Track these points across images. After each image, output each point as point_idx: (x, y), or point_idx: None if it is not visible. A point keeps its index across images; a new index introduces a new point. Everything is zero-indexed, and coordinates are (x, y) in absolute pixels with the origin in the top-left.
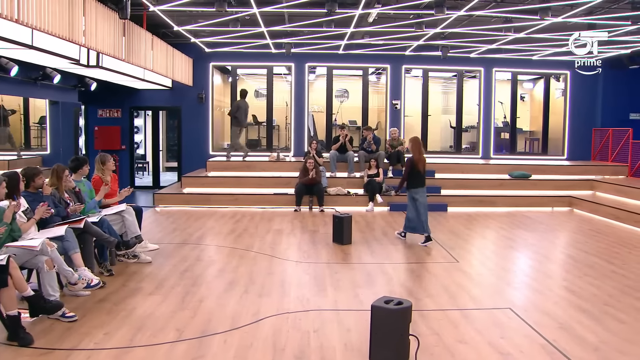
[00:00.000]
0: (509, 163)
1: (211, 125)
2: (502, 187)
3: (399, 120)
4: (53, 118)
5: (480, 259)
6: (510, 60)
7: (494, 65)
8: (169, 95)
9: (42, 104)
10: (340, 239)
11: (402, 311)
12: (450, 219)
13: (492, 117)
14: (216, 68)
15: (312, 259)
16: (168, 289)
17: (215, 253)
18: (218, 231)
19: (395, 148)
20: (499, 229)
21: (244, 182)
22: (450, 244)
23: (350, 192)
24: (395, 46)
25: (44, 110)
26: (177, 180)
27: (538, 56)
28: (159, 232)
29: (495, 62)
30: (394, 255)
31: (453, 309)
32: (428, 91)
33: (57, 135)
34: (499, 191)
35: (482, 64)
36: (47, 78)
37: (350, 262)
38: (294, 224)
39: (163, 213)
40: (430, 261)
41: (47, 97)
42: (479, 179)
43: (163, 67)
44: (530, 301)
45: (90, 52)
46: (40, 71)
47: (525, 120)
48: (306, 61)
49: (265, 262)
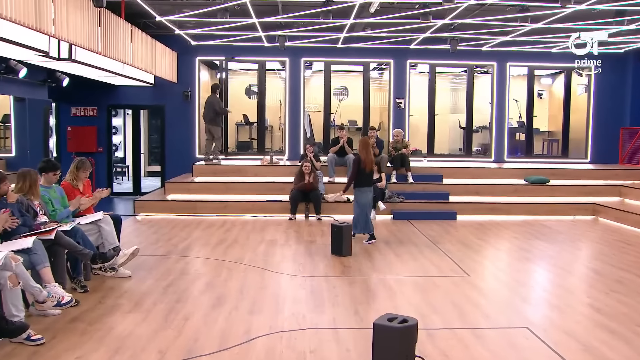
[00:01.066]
0: (525, 167)
1: (198, 126)
2: (517, 193)
3: (403, 120)
4: (19, 116)
5: (494, 272)
6: (527, 53)
7: (508, 59)
8: (151, 93)
9: (6, 101)
10: (339, 250)
11: (407, 330)
12: (460, 228)
13: (506, 117)
14: (203, 63)
15: (309, 272)
16: (150, 305)
17: (202, 266)
18: (205, 242)
19: (399, 151)
20: (514, 240)
21: (234, 188)
22: (460, 255)
23: (350, 199)
24: (399, 39)
25: (8, 107)
26: (160, 186)
27: (558, 48)
28: (139, 242)
29: (510, 55)
30: (398, 268)
31: (463, 327)
32: (435, 88)
33: (24, 135)
34: (513, 198)
35: (495, 58)
36: (11, 72)
37: (350, 276)
38: (288, 233)
39: (144, 222)
40: (438, 274)
41: (11, 93)
42: (491, 185)
43: (144, 62)
44: (550, 320)
45: (62, 44)
46: (3, 64)
47: (543, 120)
48: (302, 56)
49: (257, 275)
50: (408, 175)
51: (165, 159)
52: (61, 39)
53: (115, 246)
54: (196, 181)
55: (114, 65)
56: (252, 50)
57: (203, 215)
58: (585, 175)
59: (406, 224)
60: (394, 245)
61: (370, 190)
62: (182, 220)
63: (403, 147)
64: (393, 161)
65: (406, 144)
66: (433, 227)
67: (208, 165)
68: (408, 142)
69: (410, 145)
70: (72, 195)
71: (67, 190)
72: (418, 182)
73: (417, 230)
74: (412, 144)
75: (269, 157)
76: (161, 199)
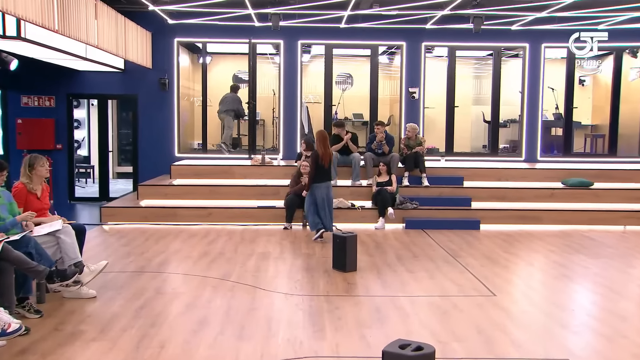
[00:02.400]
0: (563, 167)
1: (177, 120)
2: (553, 198)
3: (417, 113)
4: None
5: (525, 292)
6: (566, 32)
7: (543, 39)
8: (120, 80)
9: None
10: (342, 265)
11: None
12: (484, 239)
13: (539, 108)
14: (183, 45)
15: (307, 291)
16: (118, 332)
17: (182, 283)
18: (185, 255)
19: (413, 149)
20: (550, 254)
21: (220, 192)
22: (485, 272)
23: (355, 205)
24: (413, 18)
25: None
26: (132, 189)
27: (606, 25)
28: (107, 256)
29: (545, 35)
30: (411, 285)
31: (489, 357)
32: (455, 76)
33: None
34: (548, 204)
35: (527, 38)
36: None
37: (355, 295)
38: (283, 245)
39: (113, 232)
40: (459, 294)
41: None
42: (521, 189)
43: (112, 43)
44: (596, 350)
45: (7, 18)
46: None
47: (586, 111)
48: (299, 38)
49: (247, 294)
50: (423, 177)
51: (138, 158)
52: (6, 12)
53: (77, 261)
54: (175, 184)
55: (75, 46)
56: (240, 31)
57: (183, 224)
58: (637, 177)
59: (420, 234)
60: (406, 259)
61: (327, 185)
62: (158, 230)
63: (417, 145)
64: (405, 161)
65: (420, 141)
66: (452, 238)
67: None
68: (423, 138)
69: (425, 142)
70: (24, 201)
71: (21, 196)
72: (434, 186)
73: (434, 241)
74: (427, 141)
75: (260, 156)
76: (133, 205)
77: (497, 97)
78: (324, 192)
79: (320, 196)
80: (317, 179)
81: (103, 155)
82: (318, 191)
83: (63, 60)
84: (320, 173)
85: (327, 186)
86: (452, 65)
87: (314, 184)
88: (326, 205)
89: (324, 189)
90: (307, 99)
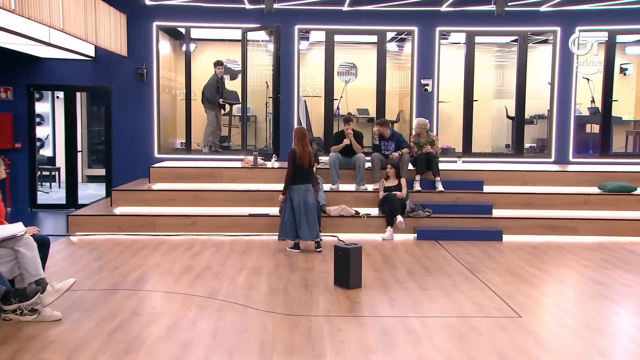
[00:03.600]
0: (599, 170)
1: (157, 116)
2: (587, 205)
3: (430, 108)
4: None
5: (555, 314)
6: (605, 12)
7: (578, 21)
8: (91, 70)
9: None
10: (345, 281)
11: None
12: (507, 252)
13: (572, 101)
14: (163, 30)
15: (305, 310)
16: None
17: (163, 302)
18: (166, 270)
19: (423, 148)
20: (584, 269)
21: (206, 198)
22: (508, 289)
23: (360, 213)
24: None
25: None
26: (104, 195)
27: None
28: (75, 272)
29: (580, 16)
30: (424, 304)
31: None
32: (474, 65)
33: None
34: (582, 212)
35: (558, 20)
36: None
37: (359, 315)
38: (278, 259)
39: (82, 244)
40: (478, 314)
41: None
42: (551, 194)
43: (80, 27)
44: None
45: None
46: None
47: (627, 105)
48: (296, 22)
49: (237, 314)
50: (437, 181)
51: (111, 159)
52: None
53: (39, 278)
54: (154, 189)
55: (37, 29)
56: (229, 14)
57: (164, 234)
58: None
59: (434, 246)
60: (418, 274)
61: (307, 188)
62: (135, 241)
63: (428, 143)
64: (416, 162)
65: (433, 139)
66: (471, 251)
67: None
68: (436, 137)
69: (438, 141)
70: None
71: None
72: (450, 191)
73: (449, 254)
74: (442, 139)
75: (252, 158)
76: (106, 212)
77: (522, 89)
78: (302, 196)
79: (297, 200)
80: (297, 180)
81: (71, 156)
82: (295, 195)
83: (22, 45)
84: (298, 174)
85: (306, 189)
86: (470, 54)
87: (293, 186)
88: (303, 211)
89: (302, 193)
90: (304, 92)
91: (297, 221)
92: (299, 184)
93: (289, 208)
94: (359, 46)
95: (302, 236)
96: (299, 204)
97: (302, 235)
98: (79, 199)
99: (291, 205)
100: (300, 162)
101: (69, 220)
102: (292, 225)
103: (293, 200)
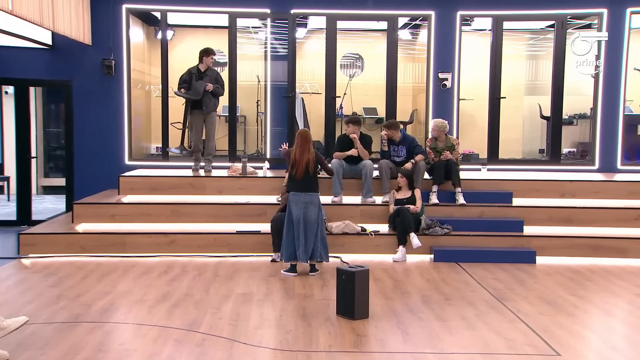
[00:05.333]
0: None
1: (127, 116)
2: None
3: (449, 107)
4: None
5: (602, 352)
6: None
7: (628, 1)
8: (48, 60)
9: None
10: (350, 310)
11: None
12: (542, 277)
13: (620, 99)
14: (134, 15)
15: (302, 345)
16: None
17: (134, 337)
18: (138, 298)
19: (441, 154)
20: (636, 298)
21: (186, 212)
22: (544, 322)
23: (366, 230)
24: None
25: None
26: (64, 210)
27: None
28: (27, 302)
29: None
30: (442, 339)
31: None
32: (501, 56)
33: None
34: (633, 230)
35: (604, 1)
36: None
37: (366, 350)
38: (270, 283)
39: (37, 268)
40: (508, 351)
41: None
42: (594, 208)
43: (34, 8)
44: None
45: None
46: None
47: None
48: (292, 6)
49: (222, 350)
50: (457, 192)
51: (73, 167)
52: None
53: None
54: (125, 202)
55: None
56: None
57: (136, 255)
58: None
59: (454, 268)
60: (435, 302)
61: (308, 200)
62: (101, 264)
63: (447, 148)
64: (433, 171)
65: (453, 143)
66: (498, 275)
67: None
68: (456, 140)
69: (459, 145)
70: None
71: None
72: (473, 204)
73: (472, 279)
74: (462, 143)
75: (240, 165)
76: (66, 230)
77: (559, 84)
78: (301, 210)
79: (296, 214)
80: (291, 187)
81: (23, 163)
82: (294, 207)
83: None
84: (292, 179)
85: (307, 201)
86: (497, 42)
87: (291, 193)
88: (302, 226)
89: (301, 205)
90: (302, 88)
91: (295, 238)
92: (296, 191)
93: (287, 222)
94: (364, 34)
95: (299, 257)
96: (298, 218)
97: (299, 256)
98: (32, 214)
99: (290, 218)
100: (296, 169)
101: (20, 239)
102: (289, 242)
103: (292, 213)
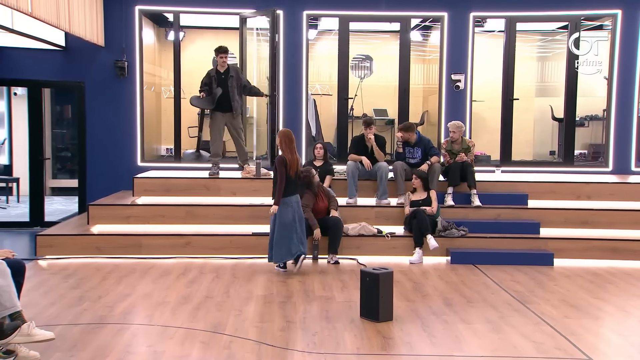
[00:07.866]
0: None
1: (140, 117)
2: None
3: (461, 108)
4: None
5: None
6: None
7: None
8: (60, 62)
9: None
10: (374, 313)
11: None
12: (561, 279)
13: (634, 100)
14: (147, 16)
15: (329, 347)
16: None
17: (160, 339)
18: (160, 300)
19: (457, 155)
20: None
21: (201, 214)
22: (570, 325)
23: (382, 232)
24: None
25: None
26: (77, 211)
27: None
28: (50, 304)
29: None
30: (469, 342)
31: None
32: (514, 57)
33: None
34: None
35: (617, 2)
36: None
37: (394, 353)
38: (290, 285)
39: (55, 270)
40: (537, 354)
41: None
42: (611, 210)
43: (50, 10)
44: None
45: None
46: None
47: None
48: (303, 7)
49: (250, 352)
50: (472, 194)
51: (86, 168)
52: None
53: (16, 311)
54: (139, 204)
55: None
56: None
57: (152, 257)
58: None
59: (472, 270)
60: (458, 305)
61: (296, 200)
62: (118, 265)
63: (463, 150)
64: (448, 172)
65: (469, 145)
66: (517, 277)
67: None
68: (472, 142)
69: (474, 147)
70: None
71: None
72: (489, 206)
73: (492, 281)
74: (476, 145)
75: (253, 166)
76: (82, 232)
77: (572, 85)
78: (295, 210)
79: (291, 215)
80: (286, 192)
81: (35, 164)
82: (289, 209)
83: None
84: (288, 182)
85: (297, 202)
86: (510, 44)
87: (283, 199)
88: (298, 224)
89: (294, 206)
90: (313, 89)
91: (290, 237)
92: (289, 195)
93: (279, 225)
94: (374, 35)
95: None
96: (293, 218)
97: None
98: (44, 216)
99: (281, 222)
100: (290, 171)
101: (37, 240)
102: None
103: (285, 216)
